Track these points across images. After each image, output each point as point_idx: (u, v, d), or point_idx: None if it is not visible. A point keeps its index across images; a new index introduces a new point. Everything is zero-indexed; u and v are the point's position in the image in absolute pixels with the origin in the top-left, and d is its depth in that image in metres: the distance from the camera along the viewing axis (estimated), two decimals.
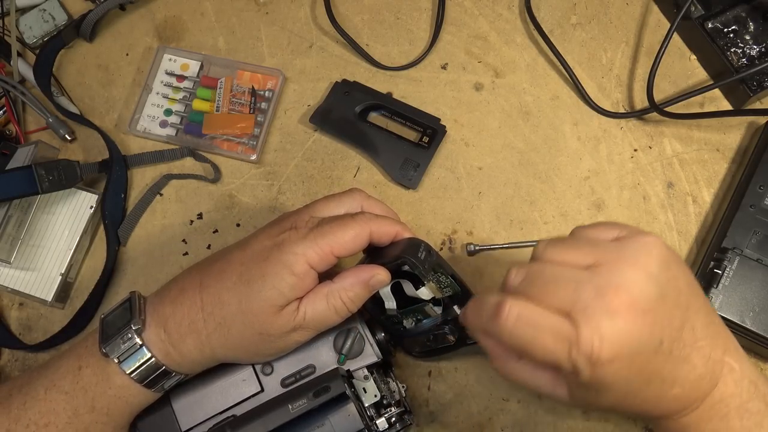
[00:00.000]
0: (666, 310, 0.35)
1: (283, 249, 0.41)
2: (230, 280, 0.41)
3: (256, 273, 0.41)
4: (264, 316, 0.41)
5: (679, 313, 0.35)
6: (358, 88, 0.59)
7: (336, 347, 0.45)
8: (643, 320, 0.34)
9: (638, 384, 0.35)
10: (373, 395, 0.45)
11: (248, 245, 0.43)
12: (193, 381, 0.45)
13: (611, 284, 0.34)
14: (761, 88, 0.56)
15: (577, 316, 0.33)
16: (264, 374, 0.45)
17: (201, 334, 0.41)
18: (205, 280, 0.42)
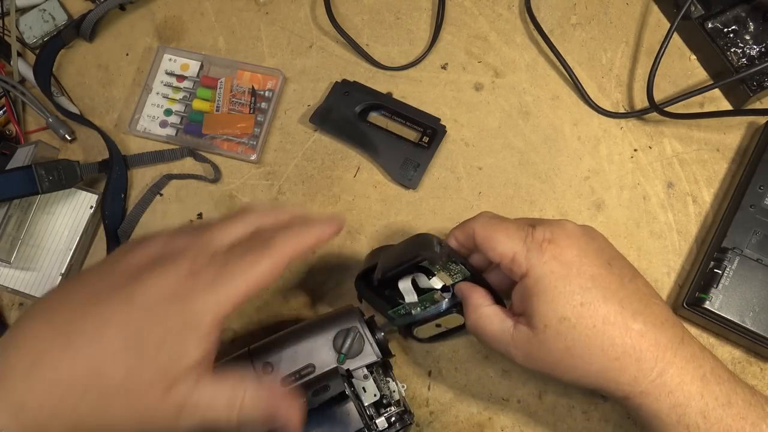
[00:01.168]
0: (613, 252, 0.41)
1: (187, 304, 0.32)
2: (112, 345, 0.32)
3: (151, 338, 0.32)
4: (153, 395, 0.32)
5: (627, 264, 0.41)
6: (358, 88, 0.59)
7: (335, 346, 0.45)
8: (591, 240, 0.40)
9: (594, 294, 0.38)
10: (372, 395, 0.45)
11: (133, 297, 0.33)
12: None
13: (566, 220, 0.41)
14: (761, 88, 0.56)
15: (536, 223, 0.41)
16: (264, 373, 0.45)
17: (70, 418, 0.31)
18: (75, 341, 0.32)
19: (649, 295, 0.40)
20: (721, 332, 0.53)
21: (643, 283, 0.41)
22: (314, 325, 0.46)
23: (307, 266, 0.56)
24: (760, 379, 0.53)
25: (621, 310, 0.38)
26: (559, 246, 0.39)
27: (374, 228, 0.57)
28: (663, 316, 0.39)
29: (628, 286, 0.39)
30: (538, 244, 0.39)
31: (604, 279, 0.39)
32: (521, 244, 0.40)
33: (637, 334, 0.38)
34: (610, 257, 0.40)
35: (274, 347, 0.45)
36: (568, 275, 0.38)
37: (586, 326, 0.38)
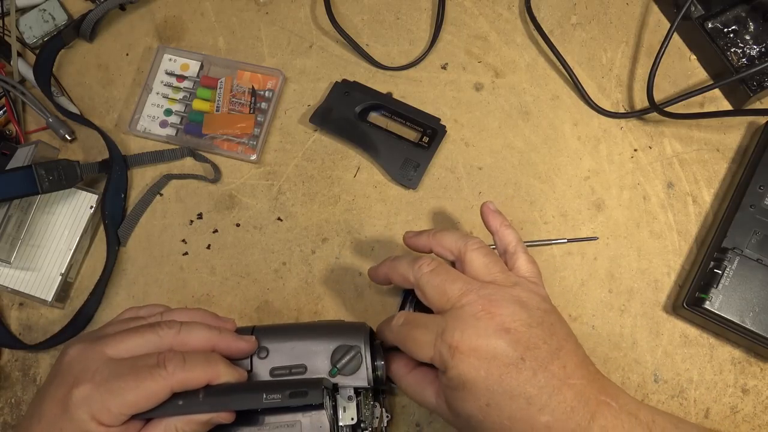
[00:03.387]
0: (531, 338, 0.40)
1: (69, 411, 0.37)
2: None
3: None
4: None
5: (546, 347, 0.40)
6: (358, 88, 0.59)
7: (333, 358, 0.45)
8: (505, 334, 0.39)
9: (501, 395, 0.39)
10: (350, 417, 0.44)
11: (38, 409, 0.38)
12: None
13: (489, 298, 0.41)
14: (761, 88, 0.56)
15: (449, 314, 0.41)
16: (258, 357, 0.45)
17: None
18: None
19: (565, 377, 0.39)
20: (721, 332, 0.53)
21: (560, 364, 0.40)
22: (320, 330, 0.46)
23: (307, 266, 0.56)
24: (760, 379, 0.53)
25: (528, 407, 0.39)
26: (467, 346, 0.39)
27: (374, 228, 0.57)
28: (575, 399, 0.39)
29: (539, 377, 0.39)
30: (447, 346, 0.40)
31: (512, 378, 0.39)
32: (432, 349, 0.41)
33: (544, 427, 0.39)
34: (525, 347, 0.39)
35: (275, 335, 0.45)
36: (476, 378, 0.39)
37: (493, 423, 0.40)
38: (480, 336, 0.39)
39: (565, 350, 0.41)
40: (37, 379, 0.54)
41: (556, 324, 0.42)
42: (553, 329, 0.41)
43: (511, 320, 0.40)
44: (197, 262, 0.57)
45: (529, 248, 0.56)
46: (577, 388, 0.40)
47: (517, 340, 0.40)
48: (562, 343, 0.41)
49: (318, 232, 0.57)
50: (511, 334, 0.40)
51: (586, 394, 0.40)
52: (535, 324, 0.40)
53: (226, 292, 0.56)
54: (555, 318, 0.42)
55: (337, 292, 0.55)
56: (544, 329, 0.41)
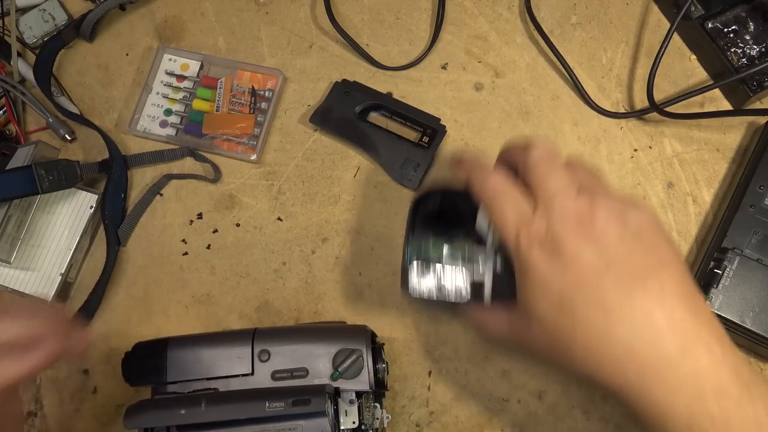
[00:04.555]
0: (623, 248, 0.36)
1: None
2: None
3: None
4: None
5: (642, 261, 0.36)
6: (358, 88, 0.59)
7: (334, 362, 0.45)
8: (594, 240, 0.36)
9: (573, 299, 0.36)
10: (351, 421, 0.44)
11: None
12: (194, 339, 0.46)
13: (586, 200, 0.37)
14: (761, 88, 0.56)
15: (542, 203, 0.38)
16: (260, 360, 0.45)
17: None
18: None
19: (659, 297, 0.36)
20: None
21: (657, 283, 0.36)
22: (322, 333, 0.46)
23: (307, 266, 0.56)
24: None
25: (604, 317, 0.36)
26: (553, 243, 0.36)
27: (374, 228, 0.57)
28: (666, 323, 0.35)
29: (624, 290, 0.36)
30: (528, 237, 0.37)
31: (592, 283, 0.36)
32: (513, 230, 0.38)
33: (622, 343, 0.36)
34: (615, 255, 0.36)
35: (277, 338, 0.46)
36: (548, 275, 0.37)
37: (564, 327, 0.37)
38: (568, 235, 0.36)
39: (667, 269, 0.37)
40: (36, 379, 0.54)
41: (659, 240, 0.38)
42: (655, 244, 0.37)
43: (606, 226, 0.36)
44: (197, 262, 0.57)
45: None
46: (674, 314, 0.35)
47: (605, 248, 0.36)
48: (665, 260, 0.37)
49: (318, 232, 0.57)
50: (601, 243, 0.36)
51: (682, 324, 0.35)
52: (633, 236, 0.37)
53: (226, 292, 0.56)
54: (658, 233, 0.38)
55: (337, 292, 0.55)
56: (643, 243, 0.37)
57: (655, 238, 0.38)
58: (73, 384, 0.54)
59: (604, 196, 0.38)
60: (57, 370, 0.54)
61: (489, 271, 0.44)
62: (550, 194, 0.38)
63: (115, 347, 0.55)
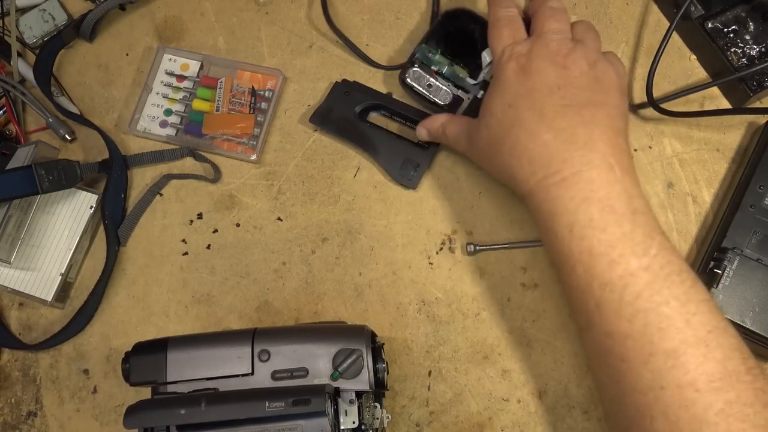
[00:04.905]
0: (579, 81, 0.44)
1: None
2: None
3: None
4: None
5: (587, 95, 0.43)
6: (358, 88, 0.59)
7: (334, 362, 0.45)
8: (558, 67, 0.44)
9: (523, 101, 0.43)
10: (351, 421, 0.44)
11: None
12: (194, 339, 0.46)
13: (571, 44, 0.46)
14: (761, 88, 0.56)
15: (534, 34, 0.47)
16: (260, 360, 0.45)
17: None
18: None
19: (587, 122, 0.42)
20: None
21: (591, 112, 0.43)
22: (322, 333, 0.46)
23: (307, 266, 0.56)
24: None
25: (538, 120, 0.43)
26: (523, 61, 0.45)
27: (374, 228, 0.57)
28: (583, 138, 0.42)
29: (563, 109, 0.42)
30: (510, 53, 0.45)
31: (541, 95, 0.43)
32: (502, 47, 0.47)
33: (542, 143, 0.42)
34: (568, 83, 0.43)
35: (277, 338, 0.46)
36: (513, 79, 0.44)
37: (505, 124, 0.44)
38: (539, 58, 0.44)
39: (606, 109, 0.43)
40: (37, 379, 0.54)
41: (613, 90, 0.45)
42: (608, 91, 0.44)
43: (576, 66, 0.44)
44: (197, 262, 0.57)
45: (529, 248, 0.56)
46: (593, 135, 0.42)
47: (565, 75, 0.44)
48: (609, 104, 0.44)
49: (318, 232, 0.57)
50: (564, 71, 0.44)
51: (596, 144, 0.42)
52: (591, 78, 0.44)
53: (226, 292, 0.56)
54: (616, 86, 0.45)
55: (337, 292, 0.55)
56: (598, 84, 0.44)
57: (611, 88, 0.44)
58: (73, 384, 0.54)
59: (588, 45, 0.46)
60: (57, 369, 0.54)
61: (472, 95, 0.57)
62: (544, 31, 0.46)
63: (115, 347, 0.55)
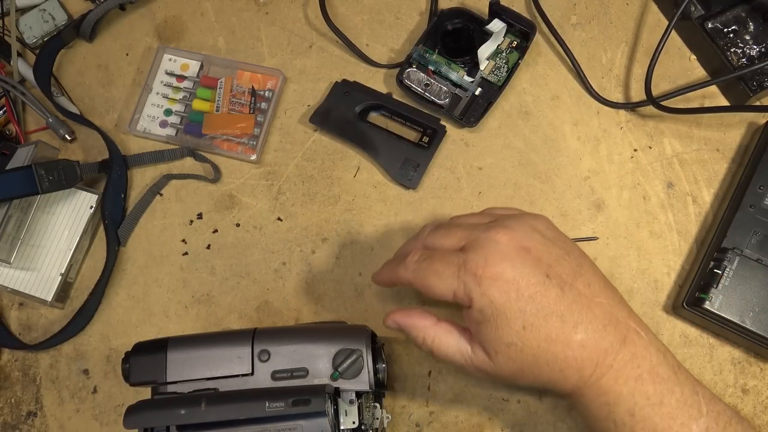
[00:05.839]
0: (551, 255, 0.40)
1: None
2: None
3: None
4: None
5: (568, 265, 0.40)
6: (358, 88, 0.59)
7: (334, 362, 0.45)
8: (526, 253, 0.39)
9: (535, 315, 0.39)
10: (351, 421, 0.44)
11: None
12: (194, 339, 0.46)
13: (500, 225, 0.41)
14: (761, 88, 0.56)
15: (467, 247, 0.41)
16: (260, 360, 0.45)
17: None
18: None
19: (592, 296, 0.40)
20: (721, 332, 0.53)
21: (584, 282, 0.40)
22: (322, 333, 0.46)
23: (307, 266, 0.56)
24: (760, 379, 0.53)
25: (562, 325, 0.39)
26: (494, 271, 0.39)
27: (374, 228, 0.57)
28: (605, 318, 0.39)
29: (567, 294, 0.39)
30: (472, 275, 0.39)
31: (543, 296, 0.39)
32: (456, 280, 0.40)
33: (579, 346, 0.39)
34: (548, 265, 0.40)
35: (277, 338, 0.46)
36: (507, 301, 0.39)
37: (531, 347, 0.39)
38: (504, 258, 0.39)
39: (586, 268, 0.41)
40: (36, 379, 0.54)
41: (569, 243, 0.42)
42: (568, 248, 0.41)
43: (528, 239, 0.40)
44: (197, 262, 0.57)
45: None
46: (605, 307, 0.40)
47: (538, 258, 0.40)
48: (581, 261, 0.41)
49: (318, 232, 0.57)
50: (532, 253, 0.40)
51: (615, 315, 0.40)
52: (551, 243, 0.41)
53: (226, 292, 0.56)
54: (566, 238, 0.43)
55: (337, 292, 0.55)
56: (560, 247, 0.41)
57: (563, 239, 0.42)
58: (73, 384, 0.54)
59: (508, 218, 0.42)
60: (57, 369, 0.54)
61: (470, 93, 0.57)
62: (472, 238, 0.41)
63: (115, 347, 0.55)
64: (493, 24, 0.57)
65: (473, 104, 0.58)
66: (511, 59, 0.59)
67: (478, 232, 0.41)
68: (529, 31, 0.58)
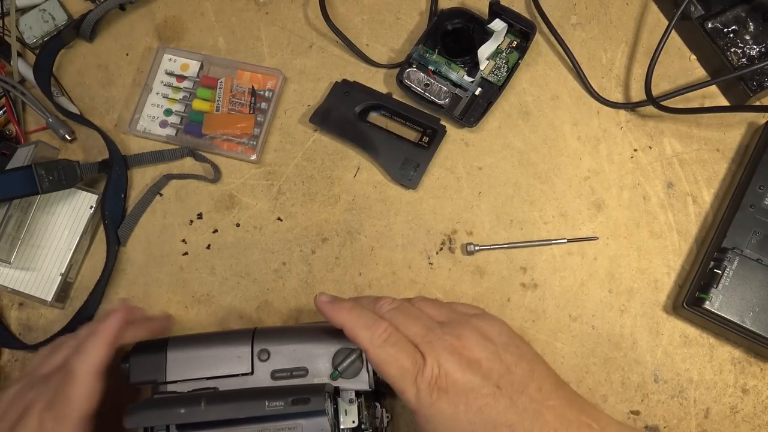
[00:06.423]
0: (502, 365, 0.40)
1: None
2: None
3: None
4: None
5: (520, 372, 0.40)
6: (358, 88, 0.59)
7: (334, 361, 0.45)
8: (477, 366, 0.40)
9: (483, 427, 0.39)
10: (351, 420, 0.44)
11: None
12: (194, 338, 0.46)
13: (453, 334, 0.41)
14: (761, 88, 0.56)
15: (424, 348, 0.40)
16: (260, 359, 0.45)
17: None
18: None
19: (543, 400, 0.40)
20: (721, 332, 0.53)
21: (536, 387, 0.40)
22: (322, 332, 0.46)
23: (307, 266, 0.56)
24: (760, 379, 0.53)
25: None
26: (444, 383, 0.39)
27: (374, 228, 0.57)
28: (557, 422, 0.39)
29: (518, 403, 0.39)
30: (427, 383, 0.39)
31: (492, 408, 0.39)
32: (411, 383, 0.40)
33: None
34: (499, 375, 0.40)
35: (277, 337, 0.46)
36: (455, 413, 0.39)
37: None
38: (456, 371, 0.39)
39: (538, 372, 0.41)
40: None
41: (522, 347, 0.42)
42: (521, 352, 0.42)
43: (480, 351, 0.40)
44: (197, 262, 0.57)
45: (528, 248, 0.56)
46: (557, 410, 0.40)
47: (489, 368, 0.40)
48: (533, 365, 0.41)
49: (318, 232, 0.57)
50: (483, 364, 0.40)
51: (567, 416, 0.40)
52: (502, 350, 0.41)
53: (226, 292, 0.56)
54: (519, 341, 0.42)
55: (337, 292, 0.55)
56: (512, 354, 0.41)
57: (516, 343, 0.42)
58: None
59: (460, 325, 0.42)
60: None
61: (470, 93, 0.57)
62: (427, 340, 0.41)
63: None
64: (494, 24, 0.57)
65: (473, 104, 0.58)
66: (511, 59, 0.59)
67: (434, 336, 0.41)
68: (529, 31, 0.58)
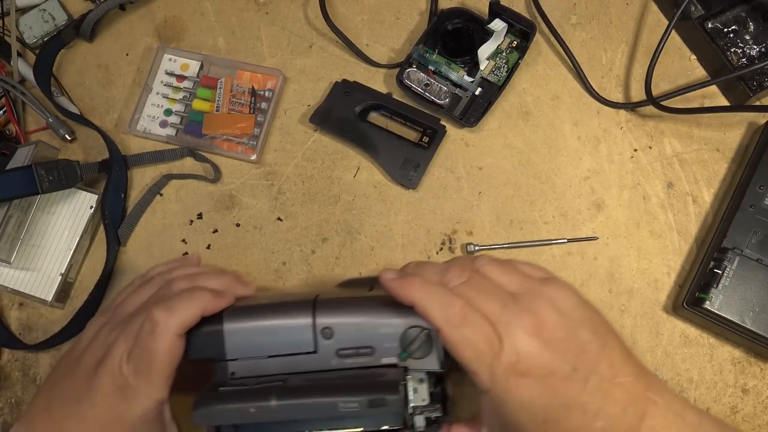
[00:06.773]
0: (578, 344, 0.39)
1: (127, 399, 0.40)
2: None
3: None
4: None
5: (593, 349, 0.39)
6: (358, 88, 0.59)
7: (403, 341, 0.42)
8: (554, 347, 0.38)
9: (557, 409, 0.38)
10: (421, 399, 0.42)
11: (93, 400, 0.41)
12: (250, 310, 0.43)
13: (530, 310, 0.39)
14: (761, 88, 0.56)
15: (501, 329, 0.38)
16: (323, 337, 0.42)
17: None
18: None
19: (613, 377, 0.39)
20: (721, 332, 0.53)
21: (607, 364, 0.39)
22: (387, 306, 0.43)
23: (307, 266, 0.56)
24: (760, 379, 0.53)
25: (583, 416, 0.38)
26: (525, 367, 0.38)
27: (374, 228, 0.57)
28: (625, 400, 0.39)
29: (591, 383, 0.38)
30: (504, 368, 0.38)
31: (567, 390, 0.38)
32: (487, 366, 0.38)
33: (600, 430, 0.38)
34: (575, 355, 0.38)
35: (340, 311, 0.43)
36: (530, 398, 0.38)
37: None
38: (534, 355, 0.38)
39: (609, 345, 0.40)
40: (37, 379, 0.54)
41: (594, 318, 0.41)
42: (594, 326, 0.40)
43: (558, 330, 0.39)
44: None
45: (528, 248, 0.56)
46: (626, 386, 0.39)
47: (566, 349, 0.38)
48: (605, 338, 0.40)
49: (318, 232, 0.57)
50: (561, 345, 0.38)
51: (634, 392, 0.39)
52: (578, 325, 0.39)
53: None
54: (591, 312, 0.41)
55: None
56: (587, 328, 0.39)
57: (590, 315, 0.40)
58: None
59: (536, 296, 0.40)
60: None
61: (470, 93, 0.57)
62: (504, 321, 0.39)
63: None
64: (494, 24, 0.57)
65: (473, 104, 0.58)
66: (511, 59, 0.59)
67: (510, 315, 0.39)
68: (529, 31, 0.58)
